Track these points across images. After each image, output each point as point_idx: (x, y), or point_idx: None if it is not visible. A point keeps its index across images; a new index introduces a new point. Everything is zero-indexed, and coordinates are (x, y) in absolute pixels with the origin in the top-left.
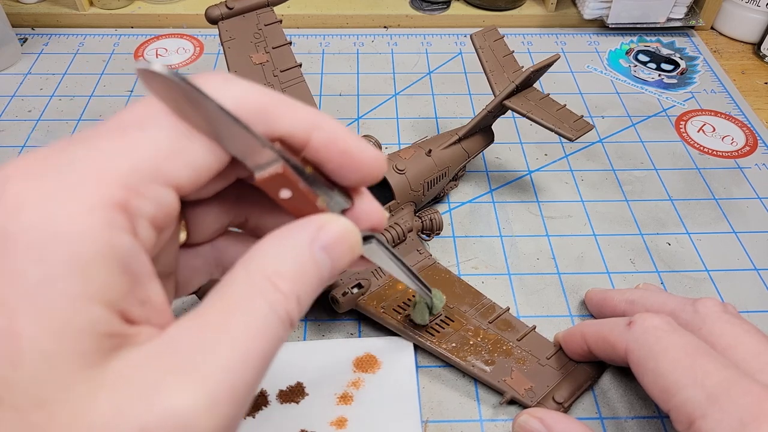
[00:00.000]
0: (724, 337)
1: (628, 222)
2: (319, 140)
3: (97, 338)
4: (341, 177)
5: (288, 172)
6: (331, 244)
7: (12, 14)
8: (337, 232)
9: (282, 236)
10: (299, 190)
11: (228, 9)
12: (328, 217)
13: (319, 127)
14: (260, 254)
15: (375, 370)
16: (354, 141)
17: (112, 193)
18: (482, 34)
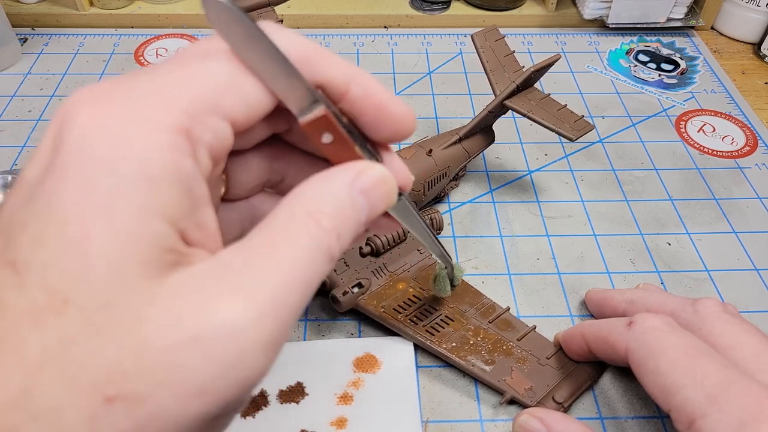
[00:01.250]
0: (724, 337)
1: (628, 222)
2: (356, 92)
3: (159, 252)
4: (374, 130)
5: (330, 116)
6: (370, 188)
7: (12, 14)
8: (375, 177)
9: (324, 178)
10: (340, 134)
11: None
12: (366, 163)
13: (357, 80)
14: (303, 193)
15: (375, 370)
16: (388, 95)
17: (176, 119)
18: (483, 34)
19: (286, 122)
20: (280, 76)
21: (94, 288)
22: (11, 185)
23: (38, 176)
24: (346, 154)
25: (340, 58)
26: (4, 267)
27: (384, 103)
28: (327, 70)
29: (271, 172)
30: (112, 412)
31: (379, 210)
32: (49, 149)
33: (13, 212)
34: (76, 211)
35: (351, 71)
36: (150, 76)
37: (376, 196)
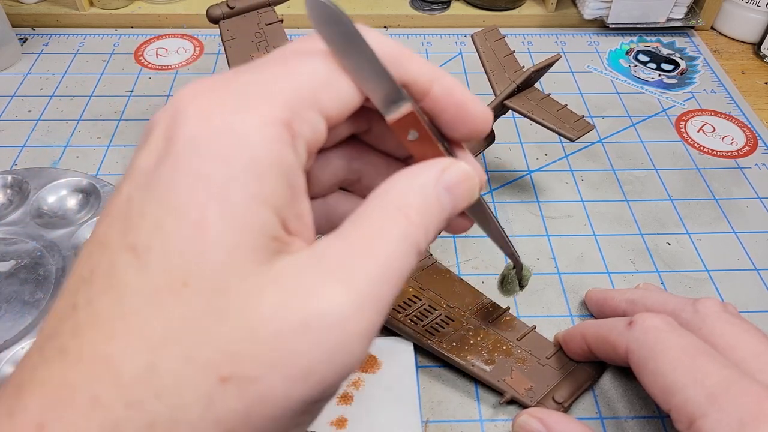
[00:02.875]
0: (725, 337)
1: (628, 222)
2: (438, 91)
3: (266, 239)
4: (453, 128)
5: (417, 113)
6: (454, 185)
7: (12, 14)
8: (459, 174)
9: (411, 174)
10: (425, 131)
11: (229, 8)
12: (450, 160)
13: (439, 79)
14: (392, 188)
15: (375, 370)
16: (468, 95)
17: (280, 112)
18: (483, 34)
19: (366, 122)
20: (371, 76)
21: (211, 272)
22: (11, 185)
23: (153, 164)
24: (429, 152)
25: (424, 59)
26: (125, 250)
27: (464, 102)
28: (412, 69)
29: (349, 171)
30: (226, 391)
31: (462, 206)
32: (162, 139)
33: (130, 198)
34: (194, 198)
35: (434, 71)
36: (253, 72)
37: (460, 192)
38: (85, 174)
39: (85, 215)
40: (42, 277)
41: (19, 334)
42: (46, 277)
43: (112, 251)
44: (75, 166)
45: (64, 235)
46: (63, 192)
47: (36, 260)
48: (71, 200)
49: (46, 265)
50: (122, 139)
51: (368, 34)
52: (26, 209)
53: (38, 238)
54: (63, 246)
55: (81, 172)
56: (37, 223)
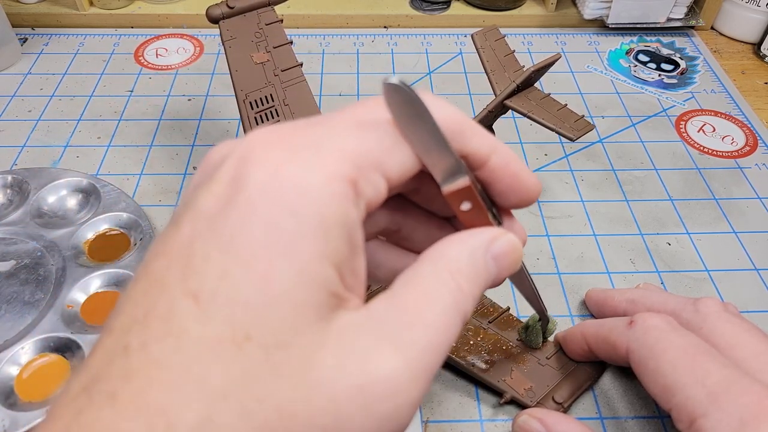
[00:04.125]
0: (725, 336)
1: (628, 222)
2: (495, 162)
3: (328, 295)
4: (505, 197)
5: (473, 187)
6: (501, 255)
7: (12, 14)
8: (507, 245)
9: (463, 240)
10: (478, 203)
11: (229, 8)
12: (499, 230)
13: (497, 151)
14: (445, 252)
15: None
16: (522, 166)
17: (348, 170)
18: (483, 33)
19: (417, 183)
20: (433, 148)
21: (275, 326)
22: (11, 185)
23: (219, 207)
24: (479, 221)
25: (484, 130)
26: (185, 296)
27: (518, 173)
28: (473, 141)
29: (391, 222)
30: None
31: (505, 276)
32: (229, 181)
33: (193, 239)
34: (263, 249)
35: (493, 143)
36: (326, 127)
37: (506, 263)
38: (85, 174)
39: (85, 215)
40: (42, 277)
41: (19, 334)
42: (46, 277)
43: (171, 294)
44: (75, 166)
45: (64, 235)
46: (63, 192)
47: (36, 260)
48: (71, 200)
49: (46, 265)
50: (122, 139)
51: (435, 106)
52: (26, 209)
53: (38, 238)
54: (63, 246)
55: (81, 172)
56: (37, 223)
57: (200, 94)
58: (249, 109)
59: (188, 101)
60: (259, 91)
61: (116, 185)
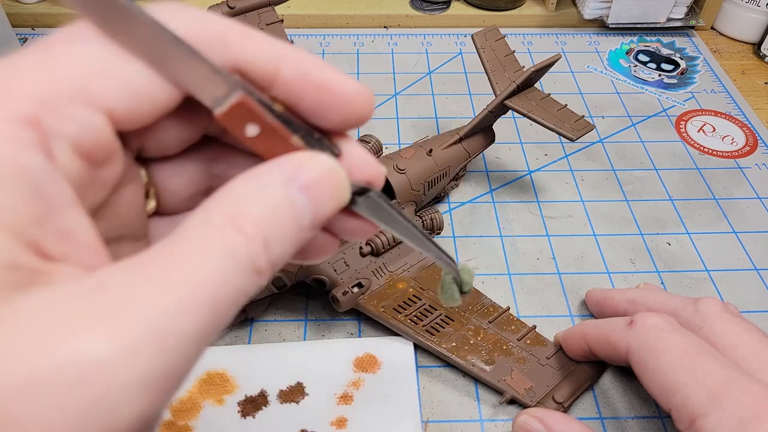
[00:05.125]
0: (725, 336)
1: (628, 222)
2: (288, 73)
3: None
4: (321, 117)
5: (250, 103)
6: (312, 184)
7: (12, 14)
8: (318, 169)
9: (253, 175)
10: (268, 124)
11: (229, 8)
12: (308, 154)
13: (288, 59)
14: (226, 194)
15: (375, 370)
16: (331, 73)
17: (21, 107)
18: (483, 34)
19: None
20: (178, 62)
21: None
22: None
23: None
24: (281, 147)
25: (268, 37)
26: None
27: (326, 82)
28: (248, 51)
29: (211, 177)
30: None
31: (328, 209)
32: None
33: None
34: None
35: (280, 50)
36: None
37: (321, 192)
38: None
39: None
40: None
41: None
42: None
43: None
44: None
45: None
46: None
47: None
48: None
49: None
50: None
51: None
52: None
53: None
54: None
55: None
56: None
57: None
58: None
59: None
60: None
61: None
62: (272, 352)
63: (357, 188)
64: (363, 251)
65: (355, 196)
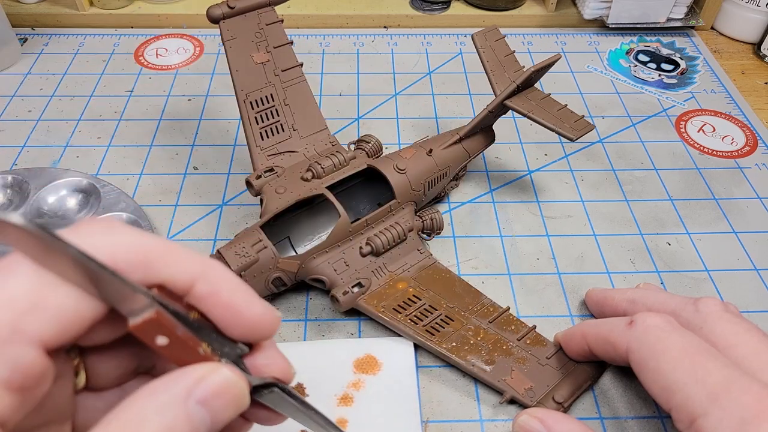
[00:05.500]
0: (725, 336)
1: (628, 222)
2: (200, 290)
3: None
4: (226, 329)
5: (163, 318)
6: (211, 397)
7: (12, 14)
8: (218, 383)
9: (153, 391)
10: (177, 336)
11: (229, 8)
12: (209, 367)
13: (204, 278)
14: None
15: (375, 371)
16: (241, 296)
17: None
18: (483, 34)
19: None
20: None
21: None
22: (11, 185)
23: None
24: (188, 356)
25: (192, 255)
26: None
27: (234, 305)
28: (168, 268)
29: (141, 358)
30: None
31: (226, 417)
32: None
33: None
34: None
35: (198, 268)
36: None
37: (219, 405)
38: (85, 174)
39: (85, 215)
40: None
41: None
42: None
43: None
44: (75, 166)
45: None
46: (63, 192)
47: None
48: (71, 200)
49: None
50: (122, 139)
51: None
52: (26, 209)
53: None
54: None
55: (81, 172)
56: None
57: (200, 94)
58: (249, 108)
59: (188, 101)
60: (260, 91)
61: (116, 185)
62: None
63: (263, 382)
64: (363, 251)
65: (261, 389)
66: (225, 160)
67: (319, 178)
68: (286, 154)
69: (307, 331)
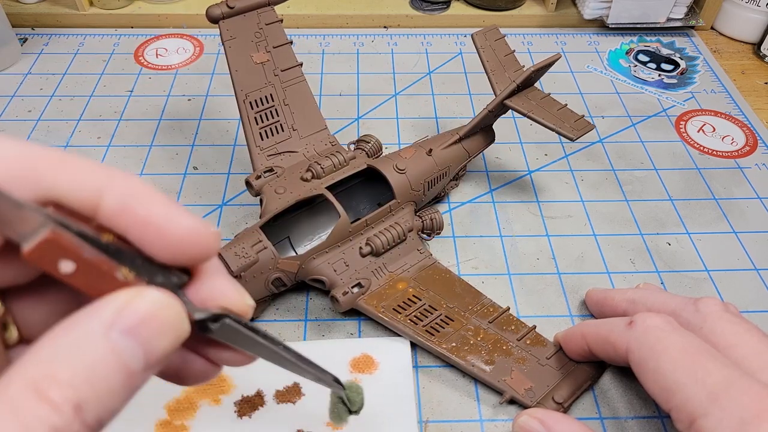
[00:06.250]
0: (725, 336)
1: (628, 222)
2: (109, 205)
3: None
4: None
5: (62, 238)
6: (138, 324)
7: (12, 14)
8: (144, 308)
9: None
10: (86, 260)
11: (229, 8)
12: (132, 291)
13: (111, 190)
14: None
15: (372, 371)
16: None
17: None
18: (483, 33)
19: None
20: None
21: None
22: None
23: None
24: (105, 284)
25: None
26: None
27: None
28: (63, 181)
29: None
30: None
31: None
32: None
33: None
34: None
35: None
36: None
37: (152, 332)
38: None
39: None
40: None
41: None
42: None
43: None
44: None
45: None
46: None
47: None
48: None
49: None
50: (122, 139)
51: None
52: None
53: None
54: None
55: None
56: None
57: (200, 94)
58: (249, 108)
59: (188, 101)
60: (259, 91)
61: None
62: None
63: (209, 315)
64: (363, 251)
65: (207, 323)
66: (225, 160)
67: (318, 178)
68: (286, 154)
69: (307, 331)
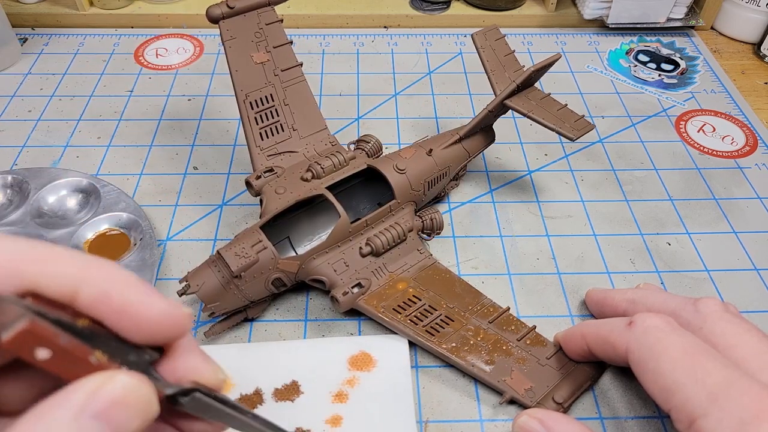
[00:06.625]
0: (725, 336)
1: (628, 222)
2: (87, 296)
3: None
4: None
5: (39, 327)
6: (108, 408)
7: (12, 14)
8: (113, 392)
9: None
10: (61, 347)
11: (229, 8)
12: (104, 376)
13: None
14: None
15: (370, 368)
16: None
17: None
18: (483, 33)
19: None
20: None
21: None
22: (11, 185)
23: None
24: (79, 369)
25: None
26: None
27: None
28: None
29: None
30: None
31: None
32: None
33: None
34: None
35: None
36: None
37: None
38: (85, 174)
39: (85, 215)
40: None
41: None
42: None
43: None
44: (75, 166)
45: (64, 235)
46: (63, 192)
47: None
48: (71, 200)
49: None
50: (122, 139)
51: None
52: (26, 209)
53: (38, 238)
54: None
55: (81, 172)
56: (37, 223)
57: (200, 94)
58: (249, 109)
59: (188, 101)
60: (259, 91)
61: (116, 185)
62: (267, 351)
63: (179, 390)
64: (363, 251)
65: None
66: (225, 160)
67: (318, 179)
68: (286, 155)
69: (307, 331)
